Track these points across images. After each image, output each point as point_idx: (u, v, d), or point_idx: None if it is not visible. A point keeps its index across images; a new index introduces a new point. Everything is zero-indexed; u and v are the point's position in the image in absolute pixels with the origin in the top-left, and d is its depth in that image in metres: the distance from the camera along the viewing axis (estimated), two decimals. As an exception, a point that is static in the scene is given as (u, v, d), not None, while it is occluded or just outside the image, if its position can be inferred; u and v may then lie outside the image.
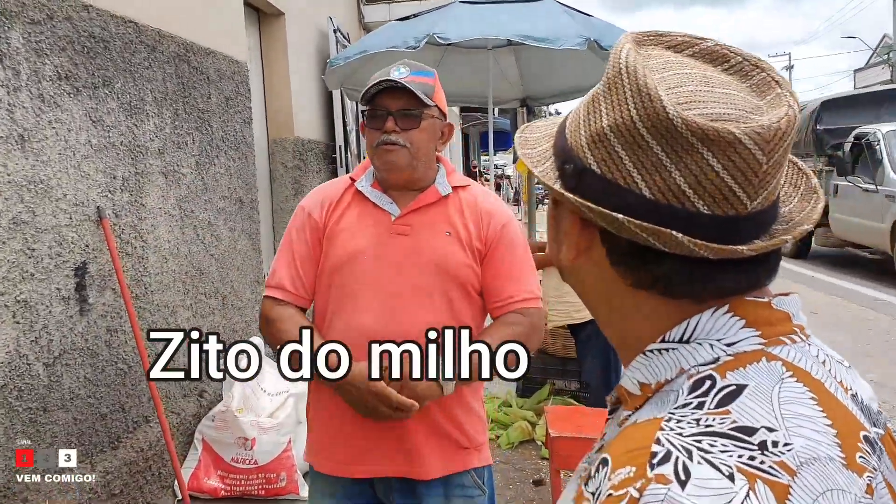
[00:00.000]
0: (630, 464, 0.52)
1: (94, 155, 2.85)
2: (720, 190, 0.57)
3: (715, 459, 0.50)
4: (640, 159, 0.58)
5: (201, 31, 3.86)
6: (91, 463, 2.76)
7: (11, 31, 2.40)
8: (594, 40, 4.03)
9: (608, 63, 0.62)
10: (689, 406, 0.55)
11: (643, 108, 0.57)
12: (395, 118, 1.63)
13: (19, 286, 2.42)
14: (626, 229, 0.58)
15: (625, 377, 0.64)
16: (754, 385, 0.55)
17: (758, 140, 0.55)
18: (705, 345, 0.59)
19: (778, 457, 0.50)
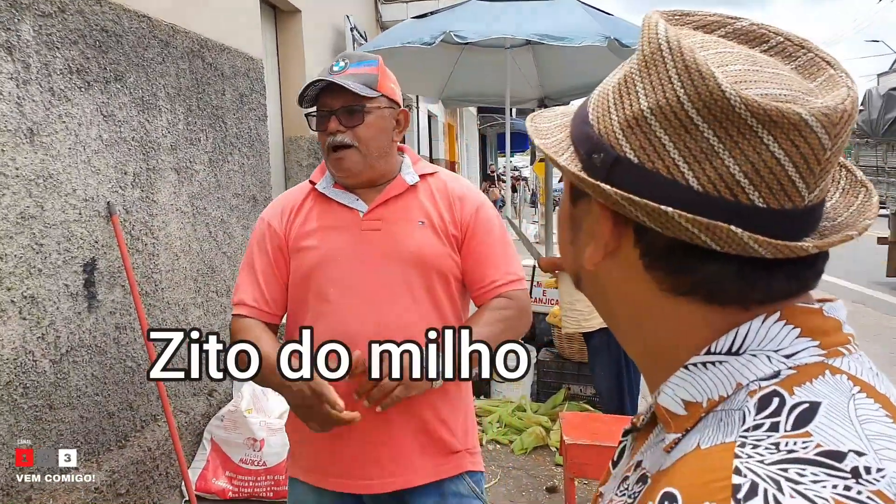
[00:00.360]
0: (708, 499, 0.45)
1: (104, 150, 2.82)
2: (779, 180, 0.50)
3: (808, 492, 0.43)
4: (687, 145, 0.51)
5: (216, 27, 3.82)
6: (97, 462, 2.72)
7: (22, 23, 2.37)
8: (615, 38, 3.95)
9: (641, 40, 0.54)
10: (762, 428, 0.48)
11: (693, 87, 0.50)
12: (337, 117, 1.56)
13: (26, 281, 2.38)
14: (674, 225, 0.51)
15: (664, 396, 0.56)
16: (828, 402, 0.48)
17: (825, 123, 0.49)
18: (761, 356, 0.52)
19: (874, 485, 0.44)
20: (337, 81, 1.53)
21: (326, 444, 1.58)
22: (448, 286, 1.62)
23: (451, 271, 1.61)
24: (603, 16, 4.53)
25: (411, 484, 1.58)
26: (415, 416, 1.58)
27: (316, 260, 1.59)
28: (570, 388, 4.45)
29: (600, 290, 0.62)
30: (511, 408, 4.22)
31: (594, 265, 0.59)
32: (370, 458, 1.57)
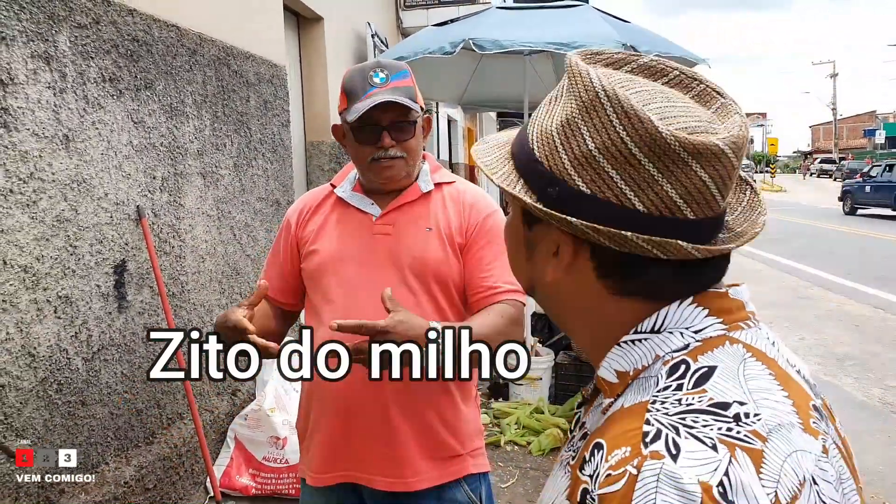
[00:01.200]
0: (625, 444, 0.57)
1: (134, 155, 2.92)
2: (705, 196, 0.62)
3: (699, 433, 0.56)
4: (632, 177, 0.62)
5: (241, 35, 3.93)
6: (126, 457, 2.81)
7: (59, 34, 2.48)
8: (630, 46, 3.99)
9: (575, 86, 0.65)
10: (670, 388, 0.60)
11: (634, 130, 0.60)
12: (389, 132, 1.57)
13: (61, 282, 2.48)
14: (632, 244, 0.62)
15: (602, 368, 0.68)
16: (723, 366, 0.61)
17: (734, 148, 0.62)
18: (676, 333, 0.65)
19: (750, 426, 0.57)
20: (391, 99, 1.54)
21: (330, 438, 1.63)
22: (449, 292, 1.64)
23: (451, 278, 1.63)
24: (619, 23, 4.57)
25: (411, 488, 1.60)
26: (418, 418, 1.59)
27: (325, 260, 1.64)
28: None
29: (554, 297, 0.74)
30: (529, 410, 4.26)
31: (553, 279, 0.70)
32: (373, 455, 1.60)
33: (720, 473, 0.53)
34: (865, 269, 10.50)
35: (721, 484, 0.52)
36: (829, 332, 6.82)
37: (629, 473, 0.54)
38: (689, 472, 0.53)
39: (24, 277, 2.32)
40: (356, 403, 1.58)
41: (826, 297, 8.60)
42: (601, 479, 0.56)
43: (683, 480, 0.52)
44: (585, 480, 0.59)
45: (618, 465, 0.56)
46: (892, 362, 5.85)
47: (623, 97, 0.61)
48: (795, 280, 9.94)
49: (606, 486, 0.56)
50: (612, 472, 0.56)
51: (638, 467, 0.54)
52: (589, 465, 0.59)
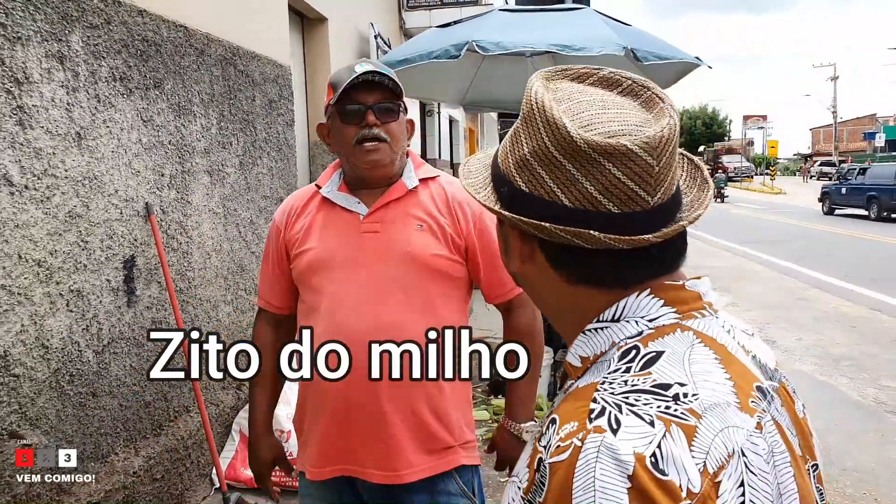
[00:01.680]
0: (573, 419, 0.64)
1: (143, 153, 2.98)
2: (624, 192, 0.69)
3: (639, 411, 0.62)
4: (557, 176, 0.70)
5: (247, 36, 3.99)
6: (135, 448, 2.88)
7: (72, 34, 2.54)
8: (631, 49, 4.05)
9: (524, 99, 0.74)
10: (619, 371, 0.68)
11: (553, 136, 0.69)
12: (374, 112, 1.60)
13: (73, 276, 2.54)
14: (554, 234, 0.70)
15: (569, 354, 0.76)
16: (670, 351, 0.68)
17: (647, 148, 0.68)
18: (632, 321, 0.72)
19: (687, 405, 0.63)
20: (376, 70, 1.58)
21: (327, 434, 1.66)
22: (444, 287, 1.66)
23: (446, 273, 1.65)
24: (620, 26, 4.63)
25: (403, 481, 1.63)
26: (410, 411, 1.62)
27: (314, 260, 1.65)
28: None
29: (531, 287, 0.82)
30: (528, 406, 4.32)
31: (518, 269, 0.80)
32: (368, 450, 1.63)
33: (653, 446, 0.60)
34: (863, 271, 10.56)
35: (654, 455, 0.59)
36: (826, 333, 6.88)
37: (574, 445, 0.62)
38: (627, 444, 0.60)
39: (38, 271, 2.38)
40: (352, 400, 1.61)
41: (824, 298, 8.66)
42: (552, 450, 0.64)
43: (620, 452, 0.59)
44: (541, 450, 0.66)
45: (566, 437, 0.63)
46: (887, 363, 5.91)
47: (549, 108, 0.70)
48: (794, 281, 10.00)
49: (556, 455, 0.63)
50: (561, 443, 0.63)
51: (582, 440, 0.61)
52: (544, 437, 0.66)
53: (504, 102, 6.92)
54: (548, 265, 0.76)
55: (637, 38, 4.37)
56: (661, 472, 0.59)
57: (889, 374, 5.60)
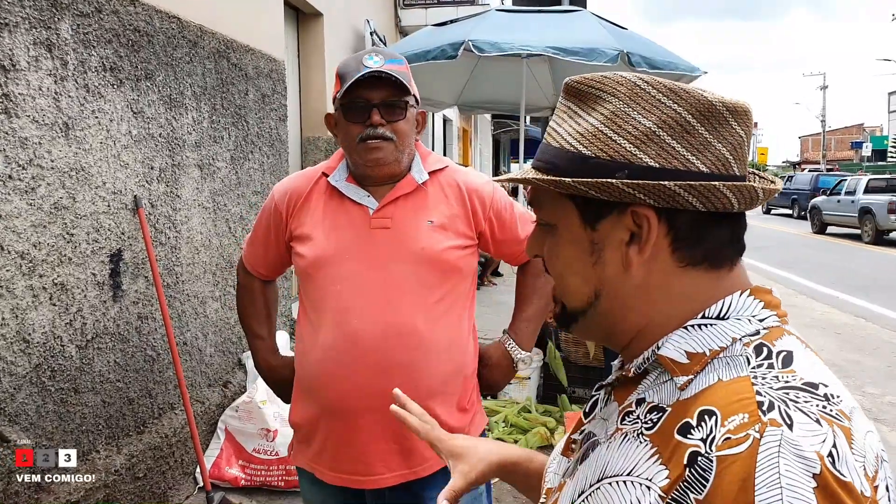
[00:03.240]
0: (742, 411, 0.60)
1: (133, 145, 2.92)
2: (743, 151, 0.71)
3: (804, 408, 0.60)
4: (690, 143, 0.69)
5: (242, 29, 3.94)
6: (118, 446, 2.82)
7: (61, 22, 2.48)
8: (626, 52, 4.03)
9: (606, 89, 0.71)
10: (763, 367, 0.65)
11: (684, 101, 0.69)
12: (379, 110, 1.54)
13: (57, 269, 2.49)
14: (719, 194, 0.67)
15: (666, 349, 0.71)
16: (796, 351, 0.66)
17: (751, 110, 0.71)
18: (744, 319, 0.69)
19: (838, 406, 0.61)
20: (382, 69, 1.51)
21: (334, 438, 1.61)
22: (455, 284, 1.63)
23: (458, 266, 1.63)
24: (617, 29, 4.62)
25: (420, 475, 1.61)
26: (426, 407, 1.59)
27: (322, 254, 1.59)
28: (574, 391, 4.53)
29: (622, 292, 0.74)
30: (517, 409, 4.30)
31: (639, 263, 0.72)
32: (378, 454, 1.59)
33: (829, 444, 0.57)
34: (849, 278, 10.64)
35: (831, 454, 0.56)
36: (812, 339, 6.79)
37: (752, 437, 0.58)
38: (804, 440, 0.57)
39: (21, 263, 2.32)
40: (362, 403, 1.56)
41: (810, 305, 8.71)
42: (719, 442, 0.59)
43: (804, 448, 0.56)
44: (695, 444, 0.61)
45: (737, 429, 0.59)
46: (871, 369, 5.93)
47: (660, 80, 0.70)
48: (781, 288, 10.04)
49: (727, 448, 0.59)
50: (732, 435, 0.59)
51: (760, 432, 0.58)
52: (698, 430, 0.62)
53: (499, 103, 6.90)
54: (668, 250, 0.71)
55: (633, 42, 4.35)
56: (840, 473, 0.56)
57: (873, 380, 5.62)
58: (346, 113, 1.58)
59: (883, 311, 8.26)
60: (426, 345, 1.57)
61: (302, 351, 1.66)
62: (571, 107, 0.74)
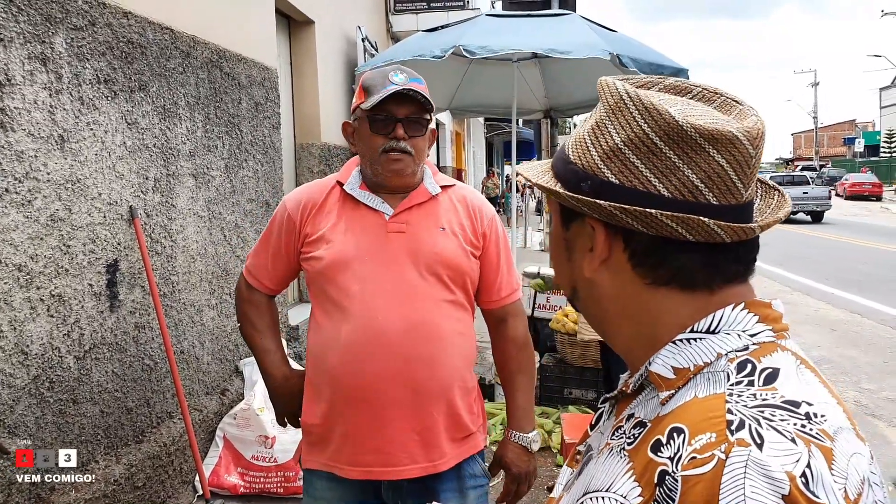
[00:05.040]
0: (709, 430, 0.59)
1: (128, 156, 2.94)
2: (724, 182, 0.67)
3: (778, 427, 0.58)
4: (654, 165, 0.67)
5: (234, 38, 3.96)
6: (116, 455, 2.84)
7: (56, 36, 2.50)
8: (617, 55, 4.07)
9: (603, 96, 0.72)
10: (742, 384, 0.63)
11: (654, 122, 0.67)
12: (403, 125, 1.65)
13: (54, 281, 2.51)
14: (657, 223, 0.66)
15: (656, 364, 0.70)
16: (784, 369, 0.65)
17: (748, 137, 0.66)
18: (734, 334, 0.68)
19: (820, 425, 0.60)
20: (411, 88, 1.62)
21: (355, 432, 1.66)
22: (465, 286, 1.74)
23: (467, 274, 1.73)
24: (606, 32, 4.66)
25: (439, 470, 1.68)
26: (446, 398, 1.67)
27: (339, 257, 1.66)
28: (571, 392, 4.55)
29: (595, 295, 0.77)
30: (514, 411, 4.32)
31: (592, 272, 0.74)
32: (402, 445, 1.64)
33: (802, 465, 0.56)
34: (844, 274, 10.70)
35: (804, 475, 0.55)
36: (807, 336, 6.94)
37: (717, 458, 0.57)
38: (775, 461, 0.55)
39: (18, 276, 2.34)
40: (384, 394, 1.63)
41: (805, 301, 8.76)
42: (685, 462, 0.58)
43: (772, 468, 0.55)
44: (664, 462, 0.60)
45: (703, 448, 0.58)
46: (866, 365, 5.98)
47: (644, 97, 0.68)
48: (775, 285, 10.09)
49: (692, 468, 0.58)
50: (698, 455, 0.58)
51: (726, 452, 0.57)
52: (667, 448, 0.61)
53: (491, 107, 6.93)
54: (628, 266, 0.71)
55: (623, 45, 4.39)
56: (813, 494, 0.55)
57: (868, 376, 5.67)
58: (372, 124, 1.67)
59: (878, 306, 8.32)
60: (444, 338, 1.66)
61: (321, 348, 1.70)
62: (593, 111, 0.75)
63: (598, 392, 4.43)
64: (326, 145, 5.70)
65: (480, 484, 1.77)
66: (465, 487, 1.73)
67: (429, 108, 1.68)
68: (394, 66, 1.71)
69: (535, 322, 5.10)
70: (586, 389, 4.50)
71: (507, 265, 1.81)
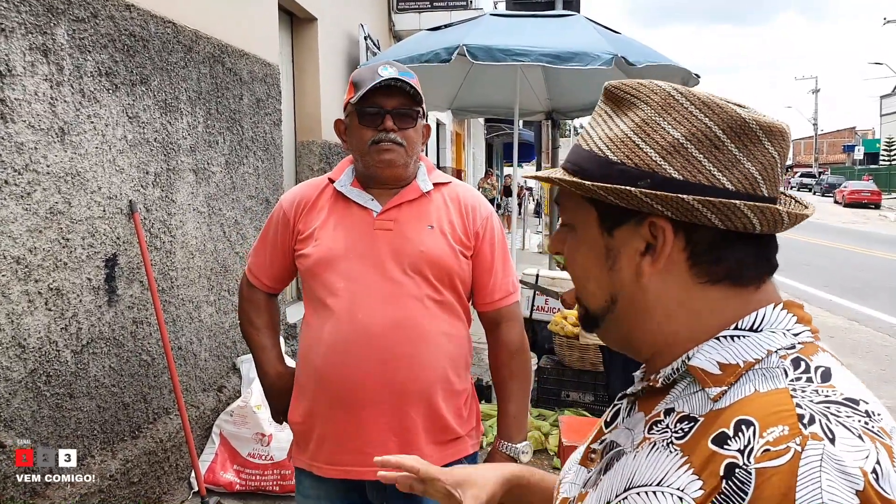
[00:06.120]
0: (781, 423, 0.59)
1: (128, 150, 2.93)
2: (774, 172, 0.69)
3: (846, 423, 0.58)
4: (717, 158, 0.68)
5: (236, 34, 3.94)
6: (112, 451, 2.82)
7: (57, 27, 2.49)
8: (622, 56, 4.05)
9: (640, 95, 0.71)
10: (801, 380, 0.63)
11: (716, 116, 0.68)
12: (392, 117, 1.64)
13: (52, 274, 2.49)
14: (739, 213, 0.66)
15: (697, 359, 0.69)
16: (834, 368, 0.65)
17: (789, 131, 0.70)
18: (779, 332, 0.68)
19: (879, 423, 0.60)
20: (398, 77, 1.61)
21: (333, 431, 1.65)
22: (454, 286, 1.70)
23: (456, 273, 1.69)
24: (610, 34, 4.64)
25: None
26: (427, 400, 1.64)
27: (325, 255, 1.66)
28: (569, 395, 4.54)
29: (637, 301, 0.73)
30: (511, 413, 4.30)
31: (650, 276, 0.72)
32: (380, 445, 1.61)
33: (872, 461, 0.56)
34: (842, 281, 10.70)
35: (874, 471, 0.55)
36: (805, 343, 6.94)
37: (793, 450, 0.57)
38: (847, 456, 0.56)
39: (17, 269, 2.32)
40: (363, 393, 1.61)
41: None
42: (758, 454, 0.58)
43: (846, 463, 0.55)
44: (732, 455, 0.60)
45: (777, 441, 0.58)
46: (864, 373, 5.96)
47: (696, 92, 0.69)
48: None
49: (766, 459, 0.57)
50: (772, 447, 0.58)
51: (801, 445, 0.57)
52: (735, 441, 0.60)
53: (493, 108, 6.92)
54: (685, 265, 0.70)
55: (628, 46, 4.38)
56: (884, 490, 0.55)
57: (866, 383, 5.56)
58: (360, 117, 1.66)
59: (876, 314, 8.32)
60: (427, 338, 1.63)
61: (307, 346, 1.70)
62: (607, 111, 0.74)
63: (596, 395, 4.42)
64: (327, 143, 5.69)
65: None
66: None
67: (418, 100, 1.67)
68: (384, 62, 1.70)
69: (534, 324, 5.09)
70: (584, 392, 4.49)
71: (503, 267, 1.77)
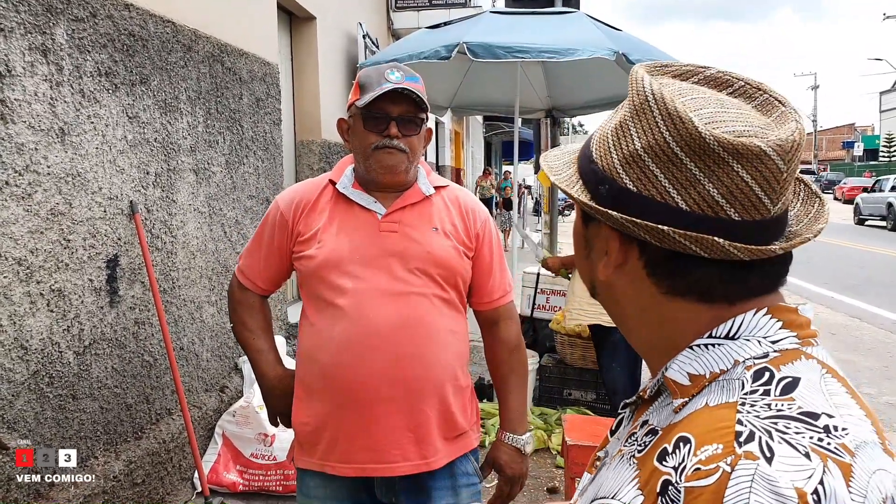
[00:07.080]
0: (716, 441, 0.57)
1: (129, 150, 2.92)
2: (748, 197, 0.63)
3: (792, 440, 0.55)
4: (674, 175, 0.64)
5: (236, 33, 3.93)
6: (116, 452, 2.81)
7: (56, 27, 2.48)
8: (622, 53, 4.05)
9: (631, 92, 0.68)
10: (757, 393, 0.60)
11: (675, 130, 0.63)
12: (397, 123, 1.65)
13: (54, 275, 2.48)
14: (669, 239, 0.63)
15: (672, 371, 0.68)
16: (806, 378, 0.61)
17: (780, 151, 0.62)
18: (753, 341, 0.65)
19: (839, 439, 0.56)
20: (405, 86, 1.62)
21: (347, 430, 1.65)
22: (457, 286, 1.73)
23: (460, 274, 1.72)
24: (611, 30, 4.63)
25: (432, 468, 1.67)
26: (439, 396, 1.66)
27: (333, 255, 1.65)
28: (570, 393, 4.53)
29: (612, 296, 0.75)
30: (514, 411, 4.30)
31: (606, 276, 0.72)
32: (395, 442, 1.63)
33: (815, 481, 0.53)
34: (842, 278, 10.70)
35: (816, 492, 0.52)
36: (807, 339, 6.94)
37: (722, 470, 0.54)
38: (785, 476, 0.53)
39: (18, 270, 2.31)
40: (376, 391, 1.62)
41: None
42: (688, 472, 0.56)
43: (779, 484, 0.52)
44: (668, 472, 0.58)
45: (708, 460, 0.56)
46: (866, 370, 5.97)
47: (669, 100, 0.63)
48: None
49: (695, 479, 0.56)
50: (702, 466, 0.56)
51: (732, 465, 0.54)
52: (672, 458, 0.59)
53: (493, 105, 6.91)
54: (644, 274, 0.68)
55: (629, 43, 4.37)
56: None
57: (868, 381, 5.66)
58: (366, 121, 1.66)
59: (877, 310, 8.31)
60: (437, 336, 1.66)
61: (312, 346, 1.68)
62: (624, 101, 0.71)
63: (598, 393, 4.41)
64: (326, 142, 5.68)
65: (473, 482, 1.77)
66: (458, 485, 1.73)
67: (424, 108, 1.68)
68: (391, 65, 1.70)
69: (535, 323, 5.08)
70: (586, 391, 4.48)
71: (500, 267, 1.81)
